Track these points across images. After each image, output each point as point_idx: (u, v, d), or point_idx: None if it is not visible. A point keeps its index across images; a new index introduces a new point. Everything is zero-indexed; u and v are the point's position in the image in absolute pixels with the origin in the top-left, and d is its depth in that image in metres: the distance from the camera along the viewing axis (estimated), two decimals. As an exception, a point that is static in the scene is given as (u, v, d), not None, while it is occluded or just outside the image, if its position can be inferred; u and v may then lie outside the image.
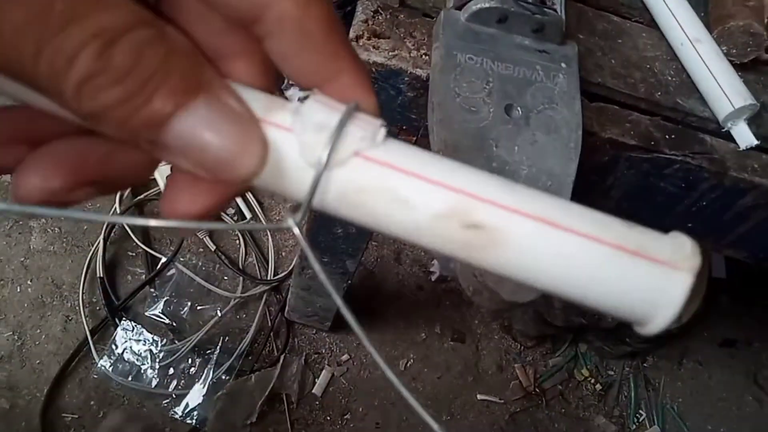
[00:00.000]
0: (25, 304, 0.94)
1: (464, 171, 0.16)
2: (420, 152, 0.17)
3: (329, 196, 0.16)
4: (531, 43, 0.39)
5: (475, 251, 0.16)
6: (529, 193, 0.16)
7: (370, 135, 0.16)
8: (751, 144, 0.44)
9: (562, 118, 0.37)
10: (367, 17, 0.40)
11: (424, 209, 0.16)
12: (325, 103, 0.17)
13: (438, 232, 0.16)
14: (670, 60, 0.47)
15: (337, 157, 0.16)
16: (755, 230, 0.49)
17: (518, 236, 0.15)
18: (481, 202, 0.16)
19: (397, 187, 0.16)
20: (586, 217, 0.16)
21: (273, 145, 0.16)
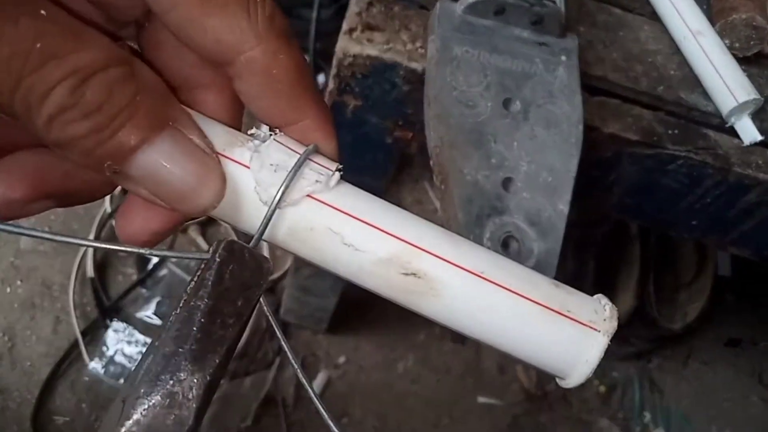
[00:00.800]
0: (15, 305, 0.93)
1: (410, 221, 0.18)
2: (370, 199, 0.18)
3: (280, 232, 0.18)
4: (530, 35, 0.38)
5: (413, 297, 0.17)
6: (469, 248, 0.18)
7: (324, 179, 0.17)
8: (756, 139, 0.43)
9: (563, 113, 0.36)
10: (360, 9, 0.39)
11: (367, 254, 0.17)
12: (286, 145, 0.18)
13: (380, 276, 0.17)
14: (673, 53, 0.46)
15: (290, 198, 0.17)
16: (760, 227, 0.48)
17: (453, 287, 0.17)
18: (422, 252, 0.17)
19: (344, 231, 0.17)
20: (518, 275, 0.17)
21: (230, 179, 0.17)
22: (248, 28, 0.17)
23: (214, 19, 0.17)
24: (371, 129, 0.43)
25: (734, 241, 0.51)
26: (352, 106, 0.41)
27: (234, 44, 0.17)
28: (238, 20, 0.17)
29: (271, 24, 0.17)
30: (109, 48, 0.16)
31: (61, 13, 0.15)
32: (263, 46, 0.17)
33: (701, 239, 0.51)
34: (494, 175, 0.33)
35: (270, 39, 0.17)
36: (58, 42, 0.15)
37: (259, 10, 0.17)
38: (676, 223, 0.49)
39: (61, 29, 0.15)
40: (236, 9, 0.17)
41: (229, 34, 0.17)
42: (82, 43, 0.15)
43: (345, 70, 0.38)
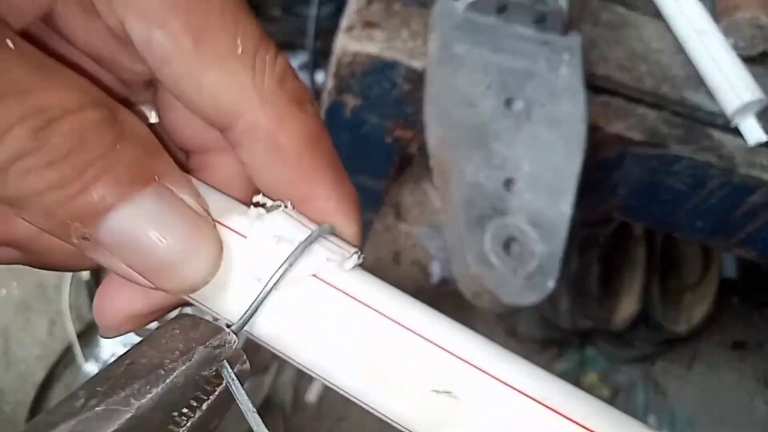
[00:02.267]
0: (10, 306, 0.93)
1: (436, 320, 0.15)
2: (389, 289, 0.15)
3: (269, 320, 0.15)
4: (532, 33, 0.38)
5: (445, 426, 0.14)
6: (506, 357, 0.14)
7: (338, 258, 0.15)
8: (761, 140, 0.43)
9: (566, 112, 0.36)
10: (360, 6, 0.39)
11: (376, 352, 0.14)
12: (296, 218, 0.15)
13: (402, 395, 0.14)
14: (677, 52, 0.46)
15: (292, 275, 0.14)
16: (765, 228, 0.48)
17: (495, 406, 0.14)
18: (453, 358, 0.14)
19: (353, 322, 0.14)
20: (566, 392, 0.15)
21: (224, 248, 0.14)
22: (251, 87, 0.14)
23: (212, 74, 0.14)
24: (371, 128, 0.43)
25: (739, 243, 0.50)
26: (352, 105, 0.41)
27: (233, 104, 0.15)
28: (239, 77, 0.14)
29: (280, 84, 0.15)
30: (85, 88, 0.13)
31: (31, 48, 0.13)
32: (268, 108, 0.15)
33: (706, 241, 0.51)
34: (496, 176, 0.33)
35: (277, 102, 0.15)
36: (22, 75, 0.12)
37: (267, 67, 0.15)
38: (681, 224, 0.49)
39: (27, 62, 0.12)
40: (239, 64, 0.14)
41: (227, 92, 0.14)
42: (51, 79, 0.13)
43: (344, 68, 0.38)
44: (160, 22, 0.14)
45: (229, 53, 0.14)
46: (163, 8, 0.14)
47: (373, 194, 0.51)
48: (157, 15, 0.14)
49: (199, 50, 0.14)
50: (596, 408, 0.15)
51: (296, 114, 0.15)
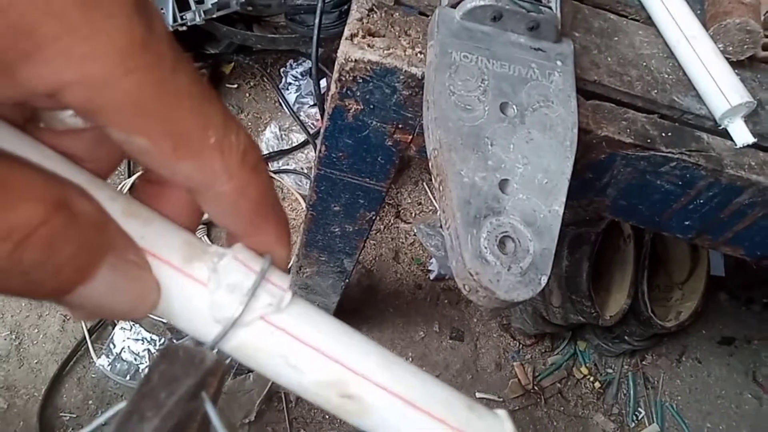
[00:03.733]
0: (23, 303, 0.94)
1: (353, 345, 0.19)
2: (317, 319, 0.19)
3: (228, 346, 0.18)
4: (526, 41, 0.39)
5: (347, 415, 0.19)
6: (401, 373, 0.19)
7: (277, 301, 0.18)
8: (748, 142, 0.44)
9: (558, 116, 0.37)
10: (361, 15, 0.40)
11: (309, 376, 0.18)
12: (243, 262, 0.18)
13: (319, 395, 0.19)
14: (667, 58, 0.47)
15: (243, 320, 0.18)
16: (752, 228, 0.49)
17: (382, 410, 0.19)
18: (357, 376, 0.19)
19: (290, 354, 0.18)
20: (438, 398, 0.19)
21: (187, 295, 0.18)
22: (220, 168, 0.16)
23: (186, 164, 0.16)
24: (372, 132, 0.43)
25: (727, 242, 0.51)
26: (353, 110, 0.42)
27: (203, 183, 0.16)
28: (210, 161, 0.16)
29: (243, 160, 0.17)
30: (44, 193, 0.14)
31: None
32: (234, 183, 0.17)
33: (694, 240, 0.52)
34: (491, 177, 0.34)
35: (241, 175, 0.17)
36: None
37: (233, 146, 0.16)
38: (670, 224, 0.49)
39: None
40: (210, 151, 0.16)
41: (200, 174, 0.16)
42: (15, 196, 0.13)
43: (346, 74, 0.39)
44: (141, 132, 0.15)
45: (203, 145, 0.16)
46: (143, 120, 0.15)
47: (373, 195, 0.52)
48: (137, 126, 0.15)
49: (177, 151, 0.16)
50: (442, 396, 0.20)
51: (254, 181, 0.17)
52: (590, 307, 0.93)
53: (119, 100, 0.14)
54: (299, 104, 1.19)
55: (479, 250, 0.32)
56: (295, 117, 1.16)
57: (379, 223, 1.13)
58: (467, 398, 0.20)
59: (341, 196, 0.53)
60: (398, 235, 1.13)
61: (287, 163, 1.14)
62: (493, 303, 0.33)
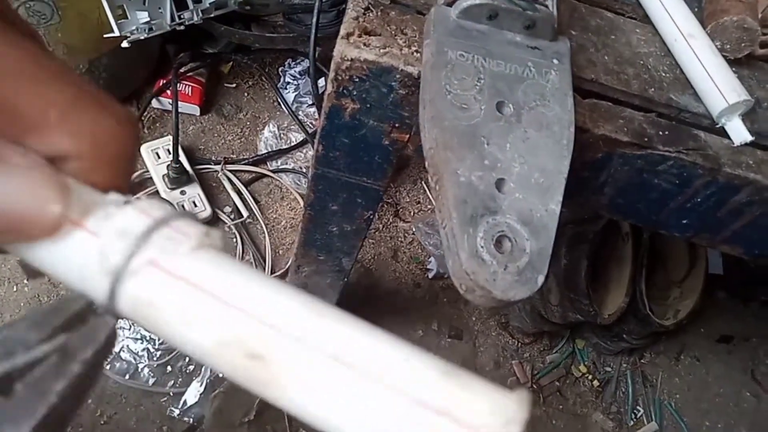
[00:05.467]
0: (22, 303, 0.94)
1: (263, 292, 0.15)
2: (229, 266, 0.15)
3: (123, 305, 0.15)
4: (523, 39, 0.39)
5: (255, 383, 0.14)
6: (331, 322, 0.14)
7: (175, 244, 0.15)
8: (746, 140, 0.44)
9: (554, 115, 0.37)
10: (357, 14, 0.39)
11: (210, 332, 0.14)
12: (142, 210, 0.16)
13: (222, 359, 0.14)
14: (664, 56, 0.47)
15: (131, 266, 0.15)
16: (750, 226, 0.49)
17: (301, 374, 0.13)
18: (268, 328, 0.14)
19: (185, 304, 0.15)
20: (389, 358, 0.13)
21: (79, 250, 0.16)
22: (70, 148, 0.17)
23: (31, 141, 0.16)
24: (369, 131, 0.43)
25: (725, 240, 0.51)
26: (350, 109, 0.41)
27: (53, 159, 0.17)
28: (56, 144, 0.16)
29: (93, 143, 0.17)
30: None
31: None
32: (84, 164, 0.17)
33: (692, 238, 0.52)
34: (488, 176, 0.34)
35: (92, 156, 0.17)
36: None
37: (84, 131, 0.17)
38: (667, 222, 0.49)
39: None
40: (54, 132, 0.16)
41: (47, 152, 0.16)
42: None
43: (343, 73, 0.39)
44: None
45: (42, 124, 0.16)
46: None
47: (371, 194, 0.52)
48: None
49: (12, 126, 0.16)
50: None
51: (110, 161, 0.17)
52: (588, 305, 0.93)
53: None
54: (298, 103, 1.19)
55: (476, 250, 0.32)
56: (293, 116, 1.16)
57: (378, 221, 1.13)
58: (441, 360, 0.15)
59: (339, 195, 0.53)
60: (397, 234, 1.13)
61: (286, 162, 1.14)
62: (489, 302, 0.33)
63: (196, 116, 1.16)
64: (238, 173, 1.10)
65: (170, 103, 1.08)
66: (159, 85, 1.10)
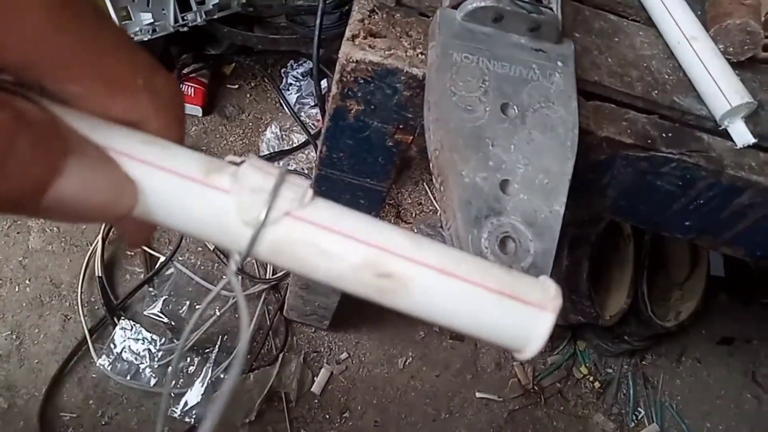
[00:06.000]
0: (24, 303, 0.94)
1: (378, 228, 0.19)
2: (341, 210, 0.19)
3: (262, 249, 0.19)
4: (527, 41, 0.39)
5: (387, 295, 0.19)
6: (432, 247, 0.19)
7: (300, 197, 0.19)
8: (749, 142, 0.44)
9: (559, 117, 0.37)
10: (363, 16, 0.40)
11: (344, 261, 0.19)
12: (260, 168, 0.19)
13: (357, 279, 0.19)
14: (667, 58, 0.47)
15: (271, 217, 0.18)
16: (753, 228, 0.49)
17: (422, 283, 0.19)
18: (391, 255, 0.19)
19: (321, 243, 0.19)
20: (474, 266, 0.20)
21: (212, 205, 0.18)
22: (150, 107, 0.18)
23: (119, 104, 0.18)
24: (373, 133, 0.44)
25: (727, 242, 0.51)
26: (355, 111, 0.42)
27: (137, 119, 0.18)
28: (141, 101, 0.18)
29: (170, 101, 0.19)
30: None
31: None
32: (161, 120, 0.19)
33: (695, 240, 0.52)
34: (492, 178, 0.34)
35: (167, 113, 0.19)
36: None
37: (161, 90, 0.18)
38: (670, 224, 0.50)
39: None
40: (141, 93, 0.18)
41: (131, 113, 0.18)
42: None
43: (348, 75, 0.39)
44: (74, 81, 0.17)
45: (132, 87, 0.18)
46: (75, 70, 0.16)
47: (374, 195, 0.52)
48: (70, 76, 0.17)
49: (109, 93, 0.18)
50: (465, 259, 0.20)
51: (179, 119, 0.20)
52: (590, 306, 0.93)
53: (53, 54, 0.15)
54: (300, 105, 1.19)
55: (480, 251, 0.32)
56: (295, 117, 1.16)
57: (380, 223, 1.13)
58: (501, 265, 0.20)
59: (342, 196, 0.54)
60: (399, 235, 1.14)
61: (288, 163, 1.14)
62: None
63: (198, 117, 1.16)
64: (240, 174, 1.10)
65: (173, 104, 1.08)
66: (161, 86, 1.11)
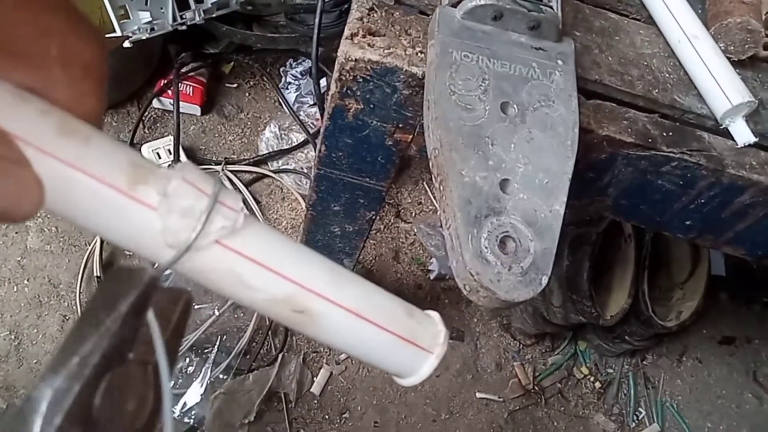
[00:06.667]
0: (22, 303, 0.94)
1: (303, 261, 0.20)
2: (270, 238, 0.19)
3: (183, 268, 0.18)
4: (527, 40, 0.39)
5: (298, 326, 0.20)
6: (350, 286, 0.21)
7: (231, 224, 0.18)
8: (749, 141, 0.44)
9: (559, 116, 0.37)
10: (362, 15, 0.39)
11: (263, 294, 0.19)
12: (193, 183, 0.18)
13: (272, 311, 0.20)
14: (668, 57, 0.47)
15: (198, 244, 0.18)
16: (753, 227, 0.49)
17: (331, 320, 0.20)
18: (308, 293, 0.20)
19: (244, 274, 0.19)
20: (381, 308, 0.22)
21: (135, 221, 0.17)
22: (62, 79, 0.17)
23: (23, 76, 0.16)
24: (372, 132, 0.43)
25: (728, 241, 0.51)
26: (354, 110, 0.41)
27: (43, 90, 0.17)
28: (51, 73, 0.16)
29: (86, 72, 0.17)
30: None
31: None
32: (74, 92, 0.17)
33: (696, 239, 0.52)
34: (492, 177, 0.34)
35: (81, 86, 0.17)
36: None
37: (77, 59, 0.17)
38: (671, 223, 0.49)
39: None
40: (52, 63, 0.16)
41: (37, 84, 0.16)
42: None
43: (347, 74, 0.39)
44: None
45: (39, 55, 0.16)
46: None
47: (374, 194, 0.52)
48: None
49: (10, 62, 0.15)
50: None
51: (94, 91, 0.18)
52: (591, 306, 0.93)
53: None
54: (299, 104, 1.19)
55: (480, 250, 0.32)
56: (294, 116, 1.16)
57: (379, 222, 1.13)
58: (407, 305, 0.23)
59: (341, 195, 0.53)
60: (398, 235, 1.13)
61: (287, 162, 1.14)
62: (493, 303, 0.33)
63: (197, 116, 1.16)
64: (238, 173, 1.10)
65: (171, 103, 1.08)
66: (160, 85, 1.10)
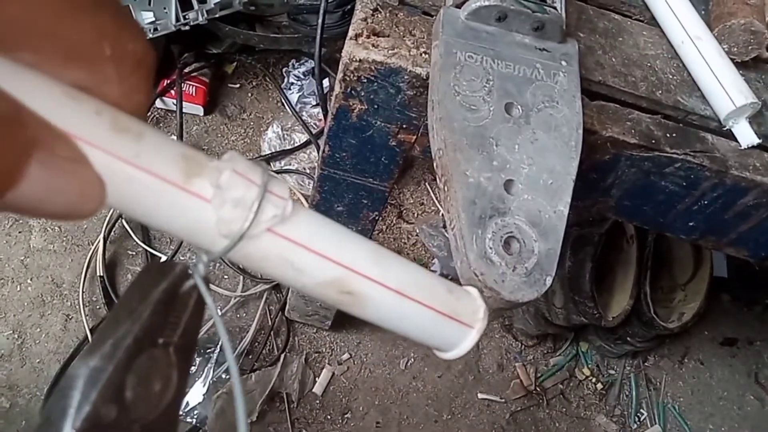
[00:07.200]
0: (25, 303, 0.94)
1: (349, 245, 0.21)
2: (318, 224, 0.21)
3: (236, 256, 0.19)
4: (531, 41, 0.39)
5: (345, 306, 0.22)
6: (394, 267, 0.22)
7: (281, 212, 0.19)
8: (753, 143, 0.44)
9: (563, 117, 0.37)
10: (366, 15, 0.40)
11: (312, 278, 0.20)
12: (243, 174, 0.19)
13: (320, 293, 0.21)
14: (671, 58, 0.47)
15: (251, 233, 0.18)
16: (756, 229, 0.49)
17: (377, 301, 0.22)
18: (356, 275, 0.21)
19: (294, 259, 0.20)
20: (423, 287, 0.23)
21: (190, 211, 0.18)
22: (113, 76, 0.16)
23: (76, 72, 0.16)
24: (376, 132, 0.44)
25: (731, 243, 0.51)
26: (358, 110, 0.42)
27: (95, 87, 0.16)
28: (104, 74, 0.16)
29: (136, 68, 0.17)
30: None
31: None
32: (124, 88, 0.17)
33: (698, 241, 0.52)
34: (496, 177, 0.34)
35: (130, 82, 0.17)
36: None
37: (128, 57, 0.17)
38: (674, 224, 0.49)
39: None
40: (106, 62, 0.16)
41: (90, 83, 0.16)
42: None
43: (351, 74, 0.39)
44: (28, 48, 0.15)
45: (94, 56, 0.16)
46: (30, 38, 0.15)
47: (377, 195, 0.52)
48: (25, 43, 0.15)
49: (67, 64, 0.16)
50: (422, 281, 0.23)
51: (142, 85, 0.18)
52: (593, 308, 0.93)
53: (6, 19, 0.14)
54: (301, 104, 1.19)
55: (484, 251, 0.32)
56: (297, 117, 1.16)
57: (382, 223, 1.13)
58: (447, 282, 0.24)
59: (344, 196, 0.54)
60: (401, 236, 1.13)
61: (289, 163, 1.14)
62: (497, 303, 0.33)
63: (199, 116, 1.16)
64: (241, 174, 1.10)
65: (174, 103, 1.08)
66: (163, 85, 1.11)
